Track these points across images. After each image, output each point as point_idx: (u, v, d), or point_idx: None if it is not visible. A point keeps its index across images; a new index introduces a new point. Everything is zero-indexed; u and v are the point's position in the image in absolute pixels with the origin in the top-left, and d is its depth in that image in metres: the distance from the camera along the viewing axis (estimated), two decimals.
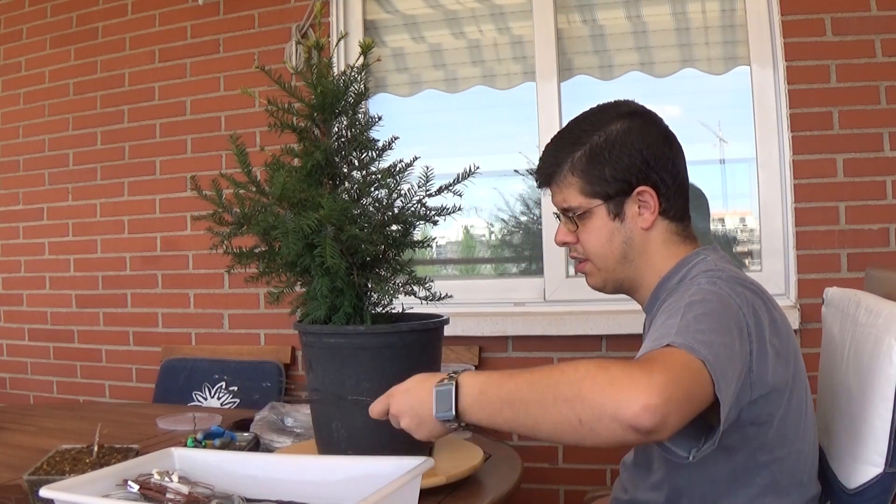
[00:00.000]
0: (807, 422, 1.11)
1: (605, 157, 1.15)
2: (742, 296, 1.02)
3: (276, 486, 1.05)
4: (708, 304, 0.98)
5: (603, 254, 1.19)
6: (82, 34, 2.94)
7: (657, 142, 1.16)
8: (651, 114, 1.21)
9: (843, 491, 1.14)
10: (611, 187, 1.15)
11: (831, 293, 1.39)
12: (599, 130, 1.16)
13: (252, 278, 1.38)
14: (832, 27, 2.14)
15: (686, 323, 0.93)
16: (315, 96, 1.35)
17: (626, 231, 1.17)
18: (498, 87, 2.57)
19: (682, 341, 0.89)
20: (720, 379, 0.87)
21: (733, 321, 0.97)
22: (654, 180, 1.15)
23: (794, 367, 1.08)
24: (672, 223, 1.17)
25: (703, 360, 0.86)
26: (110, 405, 2.69)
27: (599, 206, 1.16)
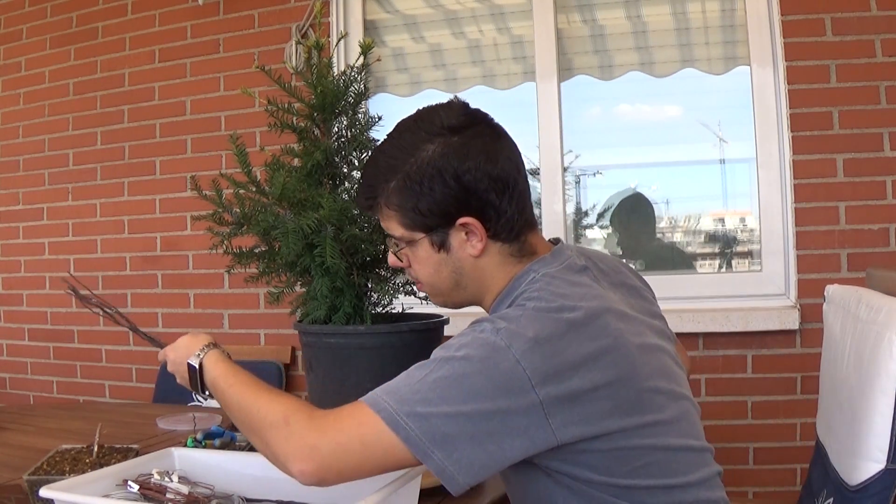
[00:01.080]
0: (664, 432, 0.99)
1: (417, 189, 1.03)
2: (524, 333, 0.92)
3: (275, 486, 1.05)
4: (466, 363, 0.91)
5: (433, 283, 1.11)
6: (82, 34, 2.94)
7: (477, 163, 1.02)
8: (472, 124, 1.07)
9: (844, 487, 1.14)
10: (429, 220, 1.04)
11: (832, 290, 1.39)
12: (411, 156, 1.03)
13: (252, 278, 1.38)
14: (832, 27, 2.14)
15: (419, 387, 0.91)
16: (315, 96, 1.35)
17: (453, 261, 1.07)
18: (498, 87, 2.57)
19: (392, 410, 0.89)
20: (427, 448, 0.88)
21: (496, 378, 0.89)
22: (476, 207, 1.03)
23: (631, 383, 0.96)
24: (506, 244, 1.06)
25: (402, 438, 0.88)
26: (110, 405, 2.69)
27: (422, 238, 1.06)
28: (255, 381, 1.05)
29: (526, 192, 1.08)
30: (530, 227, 1.09)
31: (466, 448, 0.89)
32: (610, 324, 0.97)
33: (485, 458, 0.90)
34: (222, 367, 1.11)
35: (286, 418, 0.94)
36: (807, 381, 2.12)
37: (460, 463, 0.89)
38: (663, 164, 2.47)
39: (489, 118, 1.10)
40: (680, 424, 1.02)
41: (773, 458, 2.12)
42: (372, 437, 0.90)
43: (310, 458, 0.90)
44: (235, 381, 1.06)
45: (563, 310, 0.95)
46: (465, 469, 0.89)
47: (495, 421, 0.89)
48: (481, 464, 0.90)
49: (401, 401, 0.90)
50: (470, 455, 0.89)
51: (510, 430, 0.90)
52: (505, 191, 1.03)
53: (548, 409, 0.90)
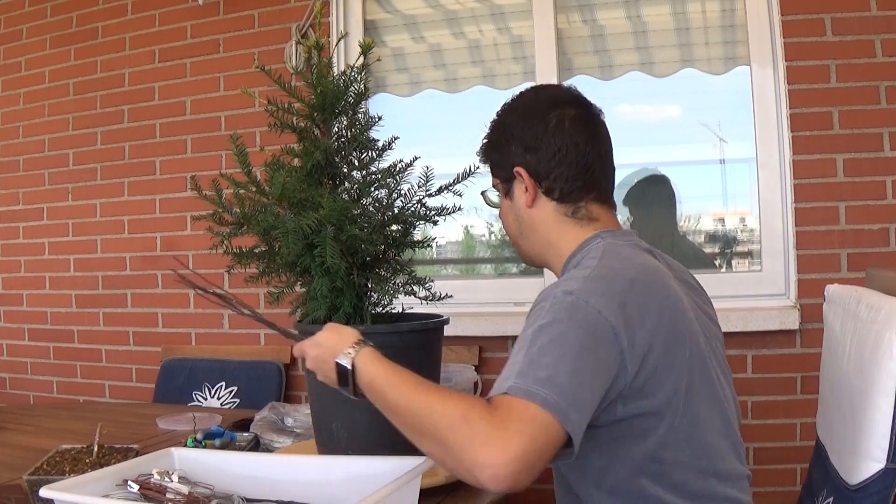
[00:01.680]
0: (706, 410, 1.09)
1: (496, 143, 1.25)
2: (606, 295, 1.00)
3: (275, 486, 1.05)
4: (556, 325, 0.97)
5: (507, 229, 1.29)
6: (82, 34, 2.94)
7: (534, 121, 1.19)
8: (546, 98, 1.24)
9: (844, 487, 1.14)
10: (501, 170, 1.24)
11: (832, 290, 1.39)
12: (500, 122, 1.26)
13: (252, 278, 1.38)
14: (832, 27, 2.14)
15: (530, 359, 0.94)
16: (315, 96, 1.35)
17: (515, 209, 1.23)
18: (498, 87, 2.57)
19: (522, 387, 0.90)
20: (568, 412, 0.89)
21: (588, 332, 0.96)
22: (528, 161, 1.19)
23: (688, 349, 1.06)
24: (560, 204, 1.19)
25: (544, 405, 0.88)
26: (110, 405, 2.69)
27: (499, 185, 1.26)
28: (418, 379, 1.00)
29: (594, 164, 1.19)
30: (594, 198, 1.20)
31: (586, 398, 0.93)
32: (670, 287, 1.09)
33: (593, 402, 0.95)
34: (379, 366, 1.03)
35: (464, 419, 0.89)
36: (807, 381, 2.12)
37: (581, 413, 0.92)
38: (663, 164, 2.47)
39: (586, 102, 1.25)
40: (723, 407, 1.14)
41: (773, 458, 2.12)
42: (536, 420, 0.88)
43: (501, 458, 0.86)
44: (399, 381, 1.00)
45: (625, 260, 1.08)
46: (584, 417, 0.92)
47: (596, 367, 0.96)
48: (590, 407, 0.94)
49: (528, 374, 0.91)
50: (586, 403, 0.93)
51: (604, 371, 0.97)
52: (561, 156, 1.17)
53: (627, 354, 0.98)
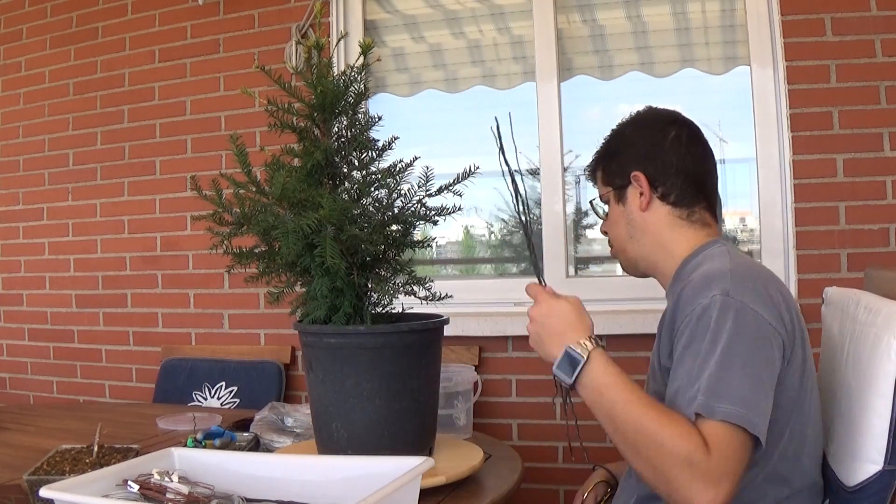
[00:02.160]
0: (811, 400, 1.16)
1: (613, 150, 1.35)
2: (769, 302, 1.08)
3: (276, 486, 1.05)
4: (736, 339, 1.03)
5: (615, 235, 1.35)
6: (82, 34, 2.94)
7: (654, 133, 1.30)
8: (664, 115, 1.35)
9: (842, 489, 1.14)
10: (616, 176, 1.32)
11: (831, 292, 1.39)
12: (619, 133, 1.36)
13: (252, 278, 1.38)
14: (832, 27, 2.14)
15: (716, 375, 1.01)
16: (315, 96, 1.35)
17: (628, 213, 1.31)
18: (498, 87, 2.57)
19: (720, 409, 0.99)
20: (758, 423, 1.00)
21: (764, 344, 1.05)
22: (646, 167, 1.28)
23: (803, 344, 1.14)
24: (674, 208, 1.28)
25: (744, 426, 0.99)
26: (110, 405, 2.69)
27: (610, 192, 1.34)
28: (647, 399, 1.06)
29: (697, 174, 1.29)
30: (705, 206, 1.29)
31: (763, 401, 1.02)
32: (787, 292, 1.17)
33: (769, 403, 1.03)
34: (614, 375, 1.08)
35: (688, 459, 0.98)
36: None
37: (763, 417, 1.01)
38: None
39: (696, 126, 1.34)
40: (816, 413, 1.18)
41: None
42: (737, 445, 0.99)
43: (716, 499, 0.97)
44: (632, 398, 1.05)
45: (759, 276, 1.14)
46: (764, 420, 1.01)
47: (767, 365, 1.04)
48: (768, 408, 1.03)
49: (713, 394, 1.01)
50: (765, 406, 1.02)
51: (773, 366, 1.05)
52: (677, 163, 1.27)
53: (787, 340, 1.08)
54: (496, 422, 2.38)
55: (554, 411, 2.34)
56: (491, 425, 2.35)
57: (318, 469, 1.08)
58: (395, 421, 1.30)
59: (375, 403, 1.28)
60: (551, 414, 2.34)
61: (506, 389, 2.38)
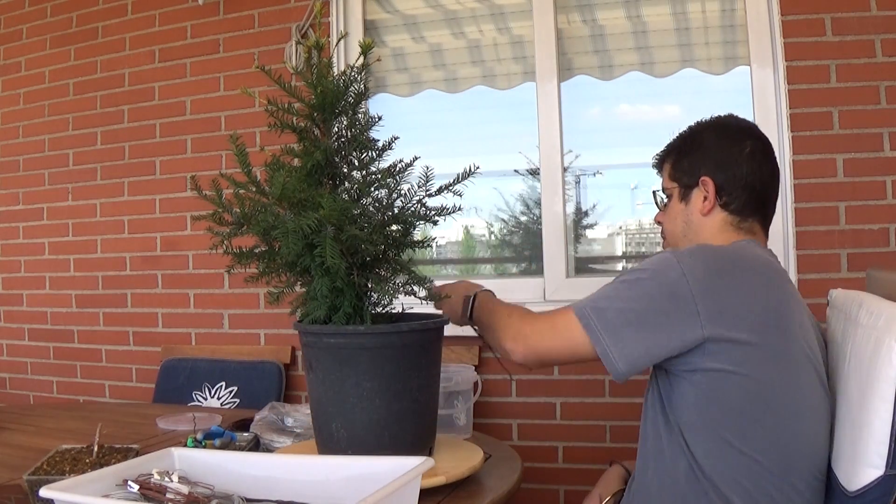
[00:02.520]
0: (807, 407, 1.18)
1: (687, 150, 1.40)
2: (704, 262, 1.18)
3: (276, 486, 1.05)
4: (641, 273, 1.20)
5: (670, 230, 1.43)
6: (82, 34, 2.94)
7: (732, 143, 1.36)
8: (744, 126, 1.40)
9: (843, 493, 1.14)
10: (685, 175, 1.39)
11: (835, 295, 1.38)
12: (696, 134, 1.42)
13: (252, 278, 1.38)
14: (832, 27, 2.14)
15: (604, 291, 1.22)
16: (315, 96, 1.35)
17: (687, 213, 1.38)
18: (498, 87, 2.57)
19: (581, 305, 1.21)
20: (600, 334, 1.16)
21: (663, 285, 1.16)
22: (717, 175, 1.34)
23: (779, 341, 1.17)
24: (730, 215, 1.35)
25: (584, 324, 1.18)
26: (110, 405, 2.69)
27: (675, 188, 1.41)
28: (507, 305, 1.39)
29: (759, 186, 1.35)
30: (759, 219, 1.36)
31: (630, 339, 1.15)
32: (785, 288, 1.21)
33: (642, 350, 1.15)
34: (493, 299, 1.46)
35: (510, 313, 1.34)
36: None
37: (623, 351, 1.15)
38: None
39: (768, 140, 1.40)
40: (814, 408, 1.19)
41: None
42: (562, 324, 1.22)
43: (518, 339, 1.28)
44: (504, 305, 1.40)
45: (743, 259, 1.22)
46: (625, 357, 1.15)
47: (659, 319, 1.14)
48: (638, 354, 1.15)
49: (589, 299, 1.22)
50: (631, 345, 1.15)
51: (669, 329, 1.14)
52: (743, 175, 1.33)
53: (703, 319, 1.13)
54: (496, 422, 2.38)
55: (554, 411, 2.34)
56: (491, 425, 2.35)
57: (317, 469, 1.08)
58: (395, 421, 1.30)
59: (375, 403, 1.28)
60: (551, 414, 2.34)
61: (506, 389, 2.38)
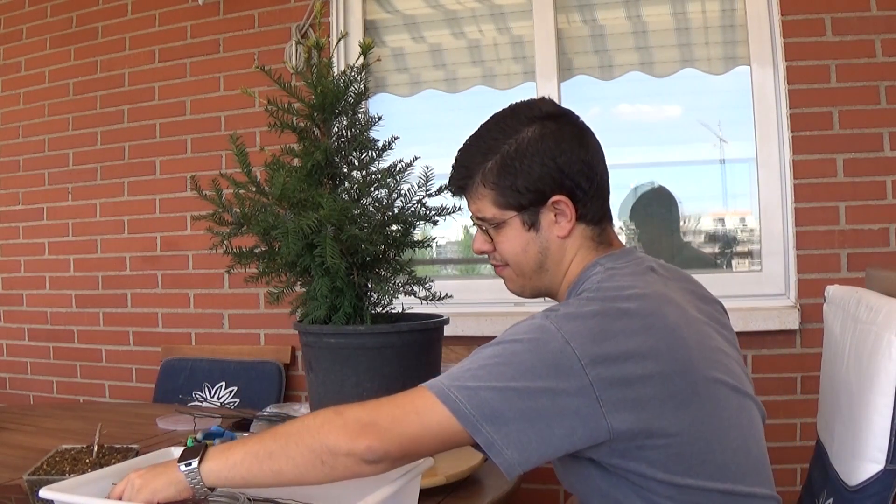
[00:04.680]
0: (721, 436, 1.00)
1: (516, 167, 1.10)
2: (586, 325, 0.95)
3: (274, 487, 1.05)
4: (514, 344, 0.95)
5: (519, 262, 1.15)
6: (82, 34, 2.94)
7: (572, 146, 1.11)
8: (566, 115, 1.17)
9: (843, 488, 1.14)
10: (524, 198, 1.10)
11: (833, 291, 1.39)
12: (510, 138, 1.11)
13: (252, 278, 1.38)
14: (832, 27, 2.14)
15: (470, 366, 0.95)
16: (315, 96, 1.35)
17: (541, 240, 1.13)
18: (498, 87, 2.57)
19: (443, 385, 0.94)
20: (476, 422, 0.90)
21: (546, 358, 0.93)
22: (568, 187, 1.10)
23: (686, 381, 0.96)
24: (589, 227, 1.13)
25: (452, 410, 0.91)
26: (110, 405, 2.69)
27: (514, 217, 1.12)
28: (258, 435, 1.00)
29: (606, 184, 1.16)
30: (608, 218, 1.16)
31: (515, 424, 0.91)
32: (667, 315, 0.99)
33: (535, 438, 0.91)
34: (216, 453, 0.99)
35: (336, 411, 0.95)
36: (807, 381, 2.12)
37: (509, 438, 0.91)
38: (663, 164, 2.47)
39: (575, 114, 1.19)
40: (740, 421, 1.03)
41: (774, 458, 2.09)
42: (426, 410, 0.93)
43: (370, 432, 0.92)
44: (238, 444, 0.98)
45: (618, 299, 0.98)
46: (514, 445, 0.91)
47: (544, 399, 0.91)
48: (530, 443, 0.91)
49: (452, 377, 0.95)
50: (519, 432, 0.91)
51: (560, 410, 0.91)
52: (593, 177, 1.12)
53: (598, 391, 0.91)
54: None
55: None
56: None
57: None
58: None
59: None
60: None
61: None
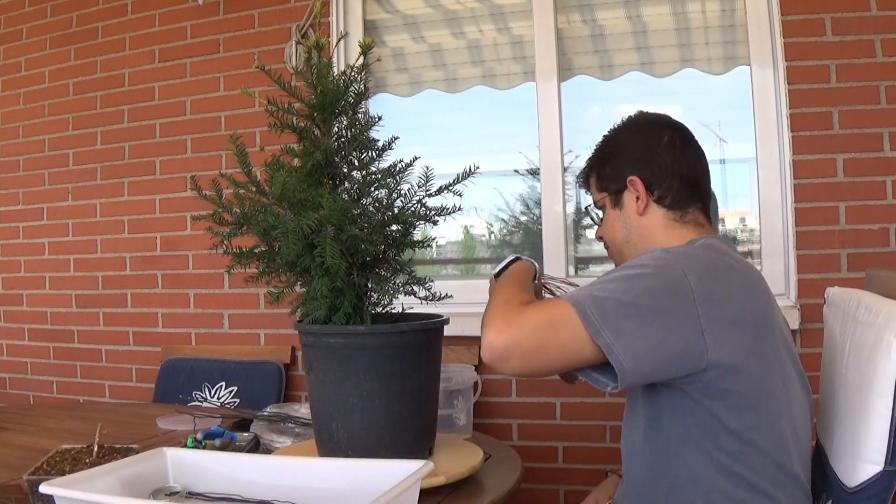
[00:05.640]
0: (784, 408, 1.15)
1: (607, 156, 1.36)
2: (700, 266, 1.12)
3: (272, 490, 1.05)
4: (637, 269, 1.11)
5: (612, 239, 1.36)
6: (82, 34, 2.94)
7: (649, 137, 1.32)
8: (655, 119, 1.37)
9: (843, 490, 1.14)
10: (611, 181, 1.34)
11: (832, 293, 1.39)
12: (611, 139, 1.38)
13: (252, 278, 1.38)
14: (832, 27, 2.14)
15: (601, 284, 1.11)
16: (315, 96, 1.35)
17: (624, 217, 1.33)
18: (498, 87, 2.57)
19: (577, 295, 1.09)
20: (600, 326, 1.04)
21: (666, 283, 1.08)
22: (642, 172, 1.30)
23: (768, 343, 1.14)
24: (669, 210, 1.30)
25: (580, 314, 1.05)
26: (110, 405, 2.69)
27: (605, 198, 1.36)
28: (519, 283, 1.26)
29: (690, 174, 1.31)
30: (699, 207, 1.31)
31: (633, 334, 1.04)
32: (764, 289, 1.19)
33: (647, 348, 1.04)
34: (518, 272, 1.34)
35: (507, 300, 1.12)
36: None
37: (627, 347, 1.03)
38: None
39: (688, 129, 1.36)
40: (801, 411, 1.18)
41: None
42: (558, 317, 1.06)
43: (504, 329, 1.05)
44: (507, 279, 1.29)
45: (726, 257, 1.18)
46: (630, 352, 1.04)
47: (661, 317, 1.06)
48: (644, 352, 1.04)
49: (584, 290, 1.10)
50: (635, 341, 1.04)
51: (672, 329, 1.06)
52: (671, 166, 1.29)
53: (704, 325, 1.06)
54: (496, 422, 2.38)
55: (554, 411, 2.34)
56: (491, 425, 2.35)
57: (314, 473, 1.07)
58: (395, 421, 1.30)
59: (375, 403, 1.28)
60: (551, 414, 2.34)
61: (506, 389, 2.38)
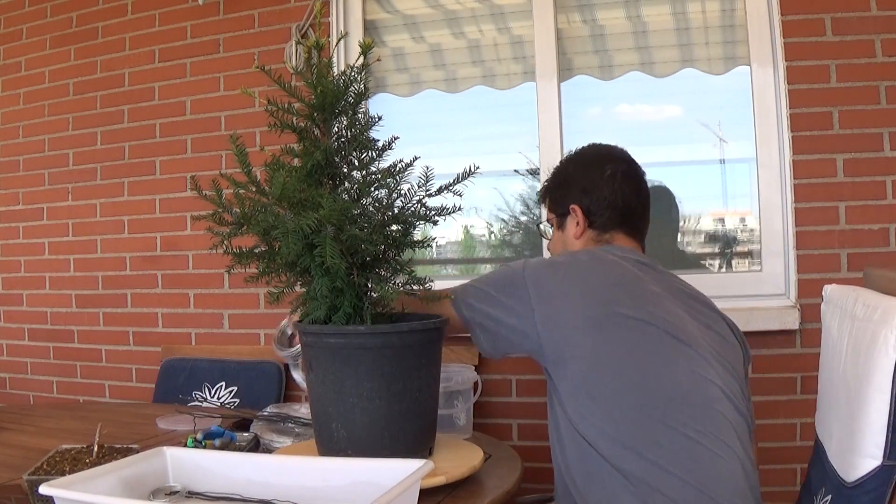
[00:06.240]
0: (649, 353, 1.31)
1: (556, 184, 1.62)
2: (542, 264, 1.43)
3: (271, 488, 1.05)
4: (498, 271, 1.48)
5: (554, 253, 1.62)
6: (82, 34, 2.94)
7: (593, 171, 1.55)
8: (603, 153, 1.61)
9: (841, 485, 1.15)
10: (559, 206, 1.60)
11: (830, 290, 1.40)
12: (562, 168, 1.63)
13: (252, 278, 1.38)
14: (832, 27, 2.14)
15: (473, 280, 1.50)
16: (315, 96, 1.35)
17: (564, 238, 1.58)
18: (498, 87, 2.57)
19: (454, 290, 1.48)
20: (461, 304, 1.46)
21: (508, 282, 1.41)
22: (583, 201, 1.54)
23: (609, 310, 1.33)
24: (595, 232, 1.54)
25: (452, 298, 1.46)
26: (110, 405, 2.69)
27: (553, 218, 1.62)
28: None
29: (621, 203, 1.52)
30: (624, 231, 1.53)
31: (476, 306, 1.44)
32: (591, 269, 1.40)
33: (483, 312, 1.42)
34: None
35: None
36: (807, 381, 2.12)
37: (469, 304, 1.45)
38: (663, 163, 2.47)
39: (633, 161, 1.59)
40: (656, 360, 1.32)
41: (773, 458, 2.12)
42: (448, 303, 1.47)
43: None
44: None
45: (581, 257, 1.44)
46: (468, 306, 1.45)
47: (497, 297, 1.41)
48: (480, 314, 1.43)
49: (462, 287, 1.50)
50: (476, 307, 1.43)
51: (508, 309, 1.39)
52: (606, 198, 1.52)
53: (534, 303, 1.35)
54: (496, 422, 2.38)
55: None
56: (491, 425, 2.35)
57: (314, 472, 1.07)
58: (395, 421, 1.30)
59: (375, 403, 1.28)
60: None
61: (506, 389, 2.38)
